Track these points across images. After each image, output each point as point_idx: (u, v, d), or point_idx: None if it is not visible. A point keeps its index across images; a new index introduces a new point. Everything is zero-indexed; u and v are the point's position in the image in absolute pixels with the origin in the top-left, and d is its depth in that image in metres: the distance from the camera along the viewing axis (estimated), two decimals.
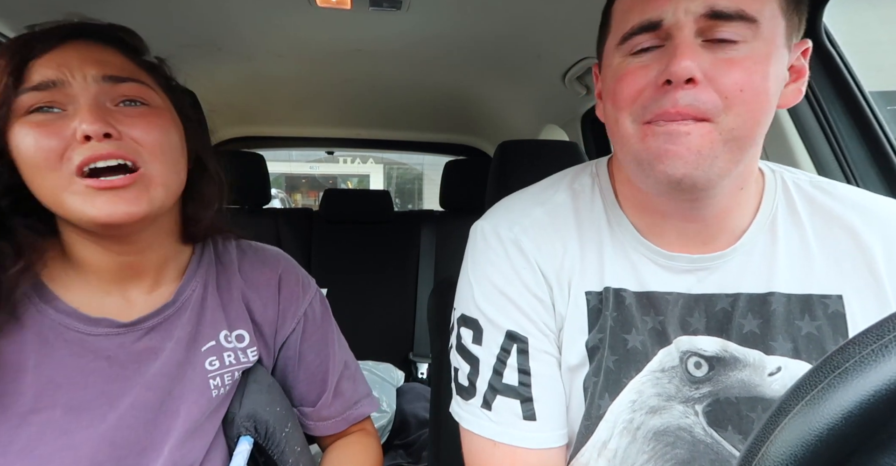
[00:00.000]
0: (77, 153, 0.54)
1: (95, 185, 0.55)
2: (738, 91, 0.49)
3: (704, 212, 0.59)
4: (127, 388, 0.61)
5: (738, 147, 0.52)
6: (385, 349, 2.04)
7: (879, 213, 0.61)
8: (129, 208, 0.56)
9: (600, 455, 0.59)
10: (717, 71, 0.50)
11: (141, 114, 0.59)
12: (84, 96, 0.56)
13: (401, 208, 9.53)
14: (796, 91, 0.55)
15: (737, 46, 0.50)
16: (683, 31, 0.50)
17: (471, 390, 0.62)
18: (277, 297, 0.74)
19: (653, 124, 0.52)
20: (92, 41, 0.60)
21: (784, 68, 0.53)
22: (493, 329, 0.61)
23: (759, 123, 0.51)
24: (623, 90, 0.54)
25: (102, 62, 0.58)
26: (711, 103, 0.50)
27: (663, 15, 0.51)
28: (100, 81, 0.57)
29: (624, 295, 0.61)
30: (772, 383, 0.58)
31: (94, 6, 1.10)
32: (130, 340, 0.63)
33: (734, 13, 0.49)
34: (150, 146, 0.59)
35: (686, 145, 0.50)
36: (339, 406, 0.78)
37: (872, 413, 0.27)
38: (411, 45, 1.43)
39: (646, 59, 0.53)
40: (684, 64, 0.49)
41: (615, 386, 0.59)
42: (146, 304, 0.65)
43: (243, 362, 0.69)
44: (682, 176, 0.51)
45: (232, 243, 0.75)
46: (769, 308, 0.59)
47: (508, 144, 1.08)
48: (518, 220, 0.65)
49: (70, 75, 0.56)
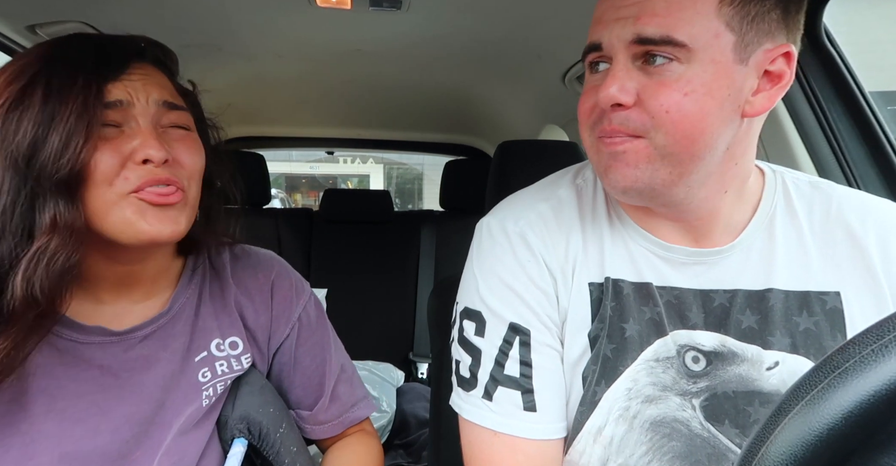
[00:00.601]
0: (135, 175, 0.56)
1: (150, 199, 0.56)
2: (664, 112, 0.53)
3: (686, 214, 0.61)
4: (120, 398, 0.61)
5: (676, 162, 0.55)
6: (385, 349, 2.04)
7: (875, 213, 0.63)
8: (174, 227, 0.59)
9: (596, 442, 0.60)
10: (646, 93, 0.53)
11: (183, 138, 0.62)
12: (144, 118, 0.58)
13: (401, 208, 9.56)
14: (768, 99, 0.56)
15: (669, 69, 0.52)
16: (618, 56, 0.54)
17: (472, 381, 0.63)
18: (270, 303, 0.73)
19: (601, 140, 0.57)
20: (148, 63, 0.62)
21: (741, 82, 0.54)
22: (497, 321, 0.62)
23: (694, 140, 0.53)
24: (581, 107, 0.60)
25: (161, 88, 0.61)
26: (640, 122, 0.54)
27: (601, 39, 0.55)
28: (159, 105, 0.59)
29: (622, 285, 0.62)
30: (769, 377, 0.59)
31: (94, 6, 1.10)
32: (123, 349, 0.62)
33: (660, 39, 0.51)
34: (191, 170, 0.62)
35: (624, 161, 0.56)
36: (335, 410, 0.77)
37: (872, 413, 0.27)
38: (411, 45, 1.43)
39: (598, 77, 0.58)
40: (608, 91, 0.53)
41: (612, 374, 0.60)
42: (140, 313, 0.65)
43: (236, 369, 0.69)
44: (625, 188, 0.57)
45: (225, 247, 0.75)
46: (767, 304, 0.60)
47: (508, 144, 1.08)
48: (524, 214, 0.66)
49: (135, 97, 0.58)
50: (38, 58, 0.56)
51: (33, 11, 1.08)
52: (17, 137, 0.52)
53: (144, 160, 0.56)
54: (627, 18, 0.53)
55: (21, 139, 0.52)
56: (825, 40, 0.97)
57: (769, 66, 0.55)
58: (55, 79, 0.54)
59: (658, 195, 0.57)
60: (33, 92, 0.53)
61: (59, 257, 0.52)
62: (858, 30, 4.30)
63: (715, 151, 0.55)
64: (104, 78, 0.56)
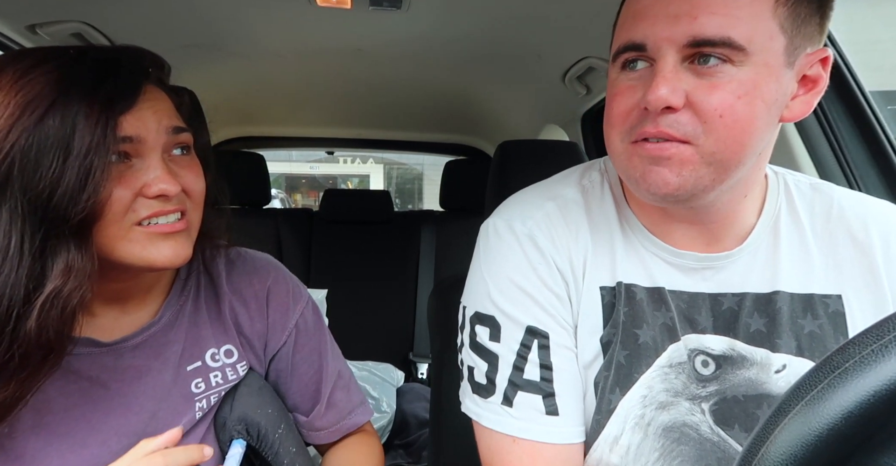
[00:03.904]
0: (144, 207, 0.55)
1: (157, 231, 0.55)
2: (717, 116, 0.50)
3: (706, 217, 0.60)
4: (109, 410, 0.59)
5: (722, 168, 0.52)
6: (385, 349, 2.04)
7: (877, 214, 0.62)
8: (184, 252, 0.58)
9: (612, 451, 0.59)
10: (698, 95, 0.50)
11: (189, 164, 0.61)
12: (156, 152, 0.56)
13: (401, 208, 9.54)
14: (805, 103, 0.54)
15: (722, 71, 0.50)
16: (666, 58, 0.51)
17: (489, 387, 0.61)
18: (266, 310, 0.72)
19: (638, 145, 0.54)
20: (153, 84, 0.59)
21: (786, 86, 0.52)
22: (512, 325, 0.61)
23: (744, 145, 0.51)
24: (613, 109, 0.56)
25: (168, 114, 0.58)
26: (691, 127, 0.51)
27: (646, 40, 0.52)
28: (169, 133, 0.57)
29: (635, 291, 0.61)
30: (778, 380, 0.58)
31: (94, 6, 1.10)
32: (112, 359, 0.61)
33: (720, 41, 0.49)
34: (196, 196, 0.61)
35: (668, 167, 0.52)
36: (332, 417, 0.76)
37: (872, 413, 0.27)
38: (411, 44, 1.43)
39: (634, 77, 0.54)
40: (658, 93, 0.50)
41: (626, 381, 0.59)
42: (130, 323, 0.64)
43: (231, 379, 0.68)
44: (665, 194, 0.54)
45: (220, 251, 0.73)
46: (775, 307, 0.60)
47: (508, 144, 1.08)
48: (531, 214, 0.64)
49: (147, 129, 0.55)
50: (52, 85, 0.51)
51: (33, 11, 1.08)
52: (36, 175, 0.49)
53: (158, 195, 0.55)
54: (679, 16, 0.49)
55: (40, 178, 0.49)
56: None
57: (808, 70, 0.54)
58: (70, 112, 0.50)
59: (691, 200, 0.55)
60: (50, 126, 0.49)
61: (74, 299, 0.51)
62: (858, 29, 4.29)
63: (755, 156, 0.54)
64: (119, 110, 0.53)
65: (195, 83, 0.92)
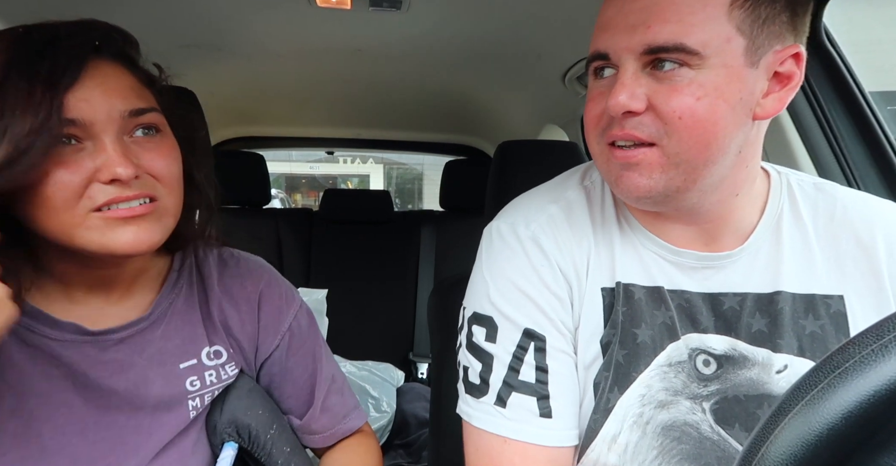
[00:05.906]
0: (101, 193, 0.52)
1: (115, 216, 0.53)
2: (676, 118, 0.52)
3: (698, 218, 0.60)
4: (90, 401, 0.59)
5: (690, 168, 0.54)
6: (385, 349, 2.04)
7: (881, 215, 0.62)
8: (150, 238, 0.55)
9: (610, 450, 0.59)
10: (658, 99, 0.52)
11: (157, 145, 0.57)
12: (107, 134, 0.53)
13: (401, 208, 9.55)
14: (779, 100, 0.55)
15: (680, 74, 0.52)
16: (626, 65, 0.53)
17: (483, 387, 0.61)
18: (258, 313, 0.71)
19: (611, 149, 0.57)
20: (106, 59, 0.56)
21: (752, 85, 0.53)
22: (510, 327, 0.61)
23: (708, 145, 0.53)
24: (588, 114, 0.59)
25: (123, 94, 0.55)
26: (654, 129, 0.53)
27: (608, 49, 0.55)
28: (123, 116, 0.54)
29: (633, 290, 0.61)
30: (779, 380, 0.59)
31: (94, 6, 1.10)
32: (96, 350, 0.60)
33: (673, 47, 0.51)
34: (168, 180, 0.57)
35: (637, 171, 0.55)
36: (327, 421, 0.76)
37: (872, 413, 0.27)
38: (411, 45, 1.43)
39: (604, 84, 0.57)
40: (617, 99, 0.52)
41: (624, 380, 0.59)
42: (117, 314, 0.62)
43: (224, 379, 0.68)
44: (638, 197, 0.56)
45: (213, 251, 0.72)
46: (776, 307, 0.60)
47: (508, 144, 1.08)
48: (535, 217, 0.64)
49: (95, 110, 0.52)
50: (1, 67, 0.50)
51: (32, 11, 1.08)
52: None
53: (112, 179, 0.52)
54: (636, 26, 0.52)
55: None
56: (825, 40, 0.97)
57: (779, 67, 0.54)
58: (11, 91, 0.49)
59: (671, 201, 0.57)
60: None
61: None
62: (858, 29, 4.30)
63: (728, 155, 0.55)
64: (61, 87, 0.50)
65: (195, 83, 0.92)
